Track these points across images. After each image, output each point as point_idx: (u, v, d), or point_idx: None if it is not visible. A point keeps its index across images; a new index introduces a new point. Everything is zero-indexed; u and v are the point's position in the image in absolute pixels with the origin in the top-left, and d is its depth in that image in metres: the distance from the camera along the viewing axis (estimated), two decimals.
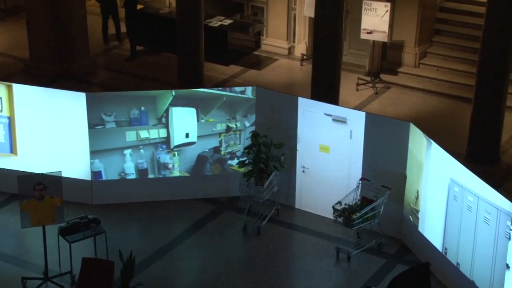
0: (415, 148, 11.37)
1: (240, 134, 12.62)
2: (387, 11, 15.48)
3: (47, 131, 12.44)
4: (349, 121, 11.88)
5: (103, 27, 17.92)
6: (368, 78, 16.24)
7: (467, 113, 13.44)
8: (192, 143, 12.62)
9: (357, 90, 16.06)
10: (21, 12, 18.09)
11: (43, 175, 10.78)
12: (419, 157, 11.27)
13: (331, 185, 12.15)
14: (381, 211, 11.54)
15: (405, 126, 11.47)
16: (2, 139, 12.64)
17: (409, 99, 15.79)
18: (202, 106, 12.47)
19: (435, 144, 10.92)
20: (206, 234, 12.18)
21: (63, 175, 10.96)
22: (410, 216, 11.65)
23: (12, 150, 12.71)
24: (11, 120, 12.56)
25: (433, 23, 16.64)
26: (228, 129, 12.62)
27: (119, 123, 12.31)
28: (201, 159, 12.69)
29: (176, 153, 12.62)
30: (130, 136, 12.42)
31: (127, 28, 17.26)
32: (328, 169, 12.19)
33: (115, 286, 10.43)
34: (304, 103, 12.21)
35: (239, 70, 16.88)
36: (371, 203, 11.52)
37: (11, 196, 12.62)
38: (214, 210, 12.70)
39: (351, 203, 11.59)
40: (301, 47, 17.25)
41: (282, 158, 12.20)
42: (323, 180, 12.27)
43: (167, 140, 12.55)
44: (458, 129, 14.35)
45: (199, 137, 12.60)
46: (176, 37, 14.98)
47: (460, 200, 10.54)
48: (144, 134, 12.46)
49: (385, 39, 15.80)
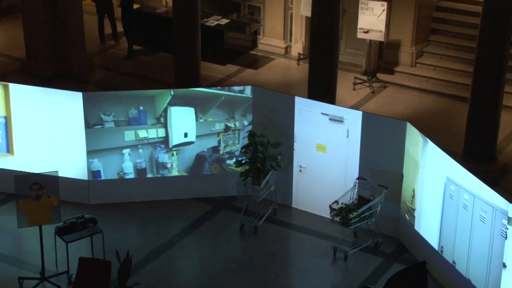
0: (412, 147, 11.38)
1: (239, 134, 12.61)
2: (384, 11, 15.48)
3: (44, 131, 12.43)
4: (346, 121, 11.89)
5: (99, 27, 17.89)
6: (365, 78, 16.24)
7: (464, 112, 13.45)
8: (191, 143, 12.61)
9: (354, 90, 16.07)
10: (17, 12, 18.06)
11: (40, 175, 10.77)
12: (415, 156, 11.28)
13: (328, 185, 12.16)
14: (378, 210, 11.55)
15: (402, 126, 11.48)
16: None
17: (406, 98, 15.80)
18: (201, 106, 12.45)
19: (431, 143, 10.93)
20: (203, 234, 12.18)
21: (60, 175, 10.95)
22: (406, 215, 11.66)
23: (9, 150, 12.69)
24: (8, 120, 12.54)
25: (430, 22, 16.65)
26: (227, 129, 12.61)
27: (118, 123, 12.30)
28: (200, 159, 12.68)
29: (175, 153, 12.61)
30: (129, 136, 12.41)
31: (124, 28, 17.24)
32: (325, 169, 12.20)
33: (112, 286, 10.42)
34: (301, 103, 12.21)
35: (236, 70, 16.87)
36: (368, 202, 11.52)
37: (8, 196, 12.60)
38: (211, 210, 12.70)
39: (348, 202, 11.59)
40: (298, 47, 17.24)
41: (279, 158, 12.20)
42: (320, 180, 12.27)
43: (166, 140, 12.54)
44: (455, 128, 14.36)
45: (198, 137, 12.59)
46: (173, 37, 14.97)
47: (456, 199, 10.56)
48: (143, 134, 12.45)
49: (382, 39, 15.81)
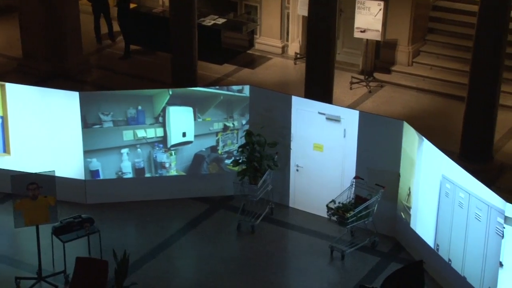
0: (408, 146, 11.39)
1: (238, 133, 12.59)
2: (380, 10, 15.49)
3: (41, 131, 12.41)
4: (343, 120, 11.89)
5: (95, 26, 17.88)
6: (362, 77, 16.25)
7: (461, 112, 13.46)
8: (189, 142, 12.61)
9: (351, 89, 16.07)
10: (14, 12, 18.03)
11: (37, 175, 10.75)
12: (411, 154, 11.30)
13: (325, 184, 12.16)
14: (375, 210, 11.55)
15: (399, 125, 11.49)
16: None
17: (403, 98, 15.81)
18: (199, 105, 12.45)
19: (427, 141, 10.95)
20: (201, 233, 12.18)
21: (57, 175, 10.94)
22: (402, 213, 11.67)
23: (5, 150, 12.67)
24: (4, 120, 12.52)
25: (426, 22, 16.66)
26: (225, 128, 12.61)
27: (116, 122, 12.29)
28: (198, 158, 12.67)
29: (173, 152, 12.60)
30: (127, 135, 12.40)
31: (120, 27, 17.23)
32: (322, 168, 12.20)
33: (109, 286, 10.41)
34: (298, 102, 12.21)
35: (233, 69, 16.87)
36: (365, 202, 11.53)
37: (5, 196, 12.58)
38: (208, 209, 12.69)
39: (345, 202, 11.60)
40: (295, 46, 17.25)
41: (276, 157, 12.20)
42: (317, 179, 12.27)
43: (164, 139, 12.54)
44: (452, 128, 14.37)
45: (196, 136, 12.58)
46: (170, 36, 14.96)
47: (452, 197, 10.58)
48: (141, 133, 12.44)
49: (379, 38, 15.82)
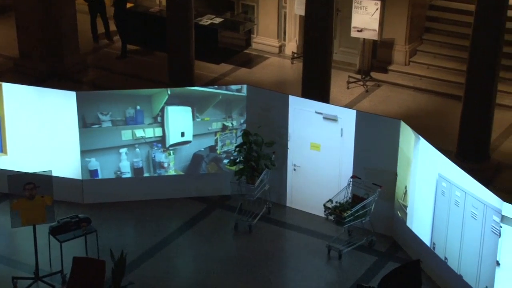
0: (405, 145, 11.40)
1: (236, 133, 12.58)
2: (377, 9, 15.50)
3: (37, 130, 12.40)
4: (340, 119, 11.89)
5: (92, 26, 17.86)
6: (359, 76, 16.25)
7: (457, 111, 13.47)
8: (188, 142, 12.60)
9: (348, 88, 16.08)
10: (10, 11, 18.01)
11: (34, 175, 10.74)
12: (408, 153, 11.31)
13: (322, 183, 12.16)
14: (372, 209, 11.56)
15: (396, 124, 11.50)
16: None
17: (400, 97, 15.82)
18: (198, 105, 12.44)
19: (423, 140, 10.96)
20: (198, 233, 12.18)
21: (54, 174, 10.93)
22: (398, 212, 11.68)
23: (2, 150, 12.66)
24: (1, 119, 12.49)
25: (423, 21, 16.67)
26: (224, 128, 12.60)
27: (115, 122, 12.29)
28: (197, 158, 12.66)
29: (172, 152, 12.60)
30: (126, 135, 12.40)
31: (117, 27, 17.21)
32: (319, 167, 12.20)
33: (106, 285, 10.40)
34: (295, 101, 12.21)
35: (230, 69, 16.87)
36: (362, 201, 11.53)
37: (1, 196, 12.55)
38: (206, 209, 12.69)
39: (342, 201, 11.60)
40: (292, 45, 17.24)
41: (273, 157, 12.20)
42: (314, 178, 12.28)
43: (163, 139, 12.53)
44: (449, 127, 14.39)
45: (195, 136, 12.58)
46: (167, 36, 14.95)
47: (448, 195, 10.59)
48: (140, 133, 12.44)
49: (375, 37, 15.83)
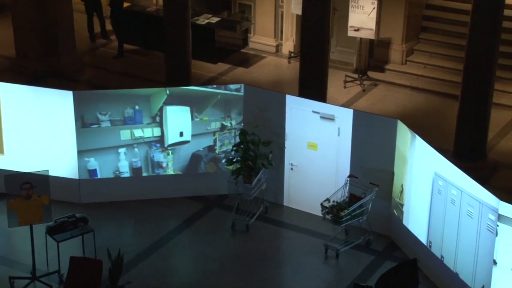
0: (401, 144, 11.41)
1: (235, 133, 12.57)
2: (374, 9, 15.50)
3: (34, 130, 12.38)
4: (337, 119, 11.90)
5: (89, 25, 17.84)
6: (356, 76, 16.26)
7: (454, 110, 13.48)
8: (186, 142, 12.59)
9: (345, 88, 16.08)
10: (6, 10, 17.98)
11: (30, 174, 10.73)
12: (404, 152, 11.32)
13: (319, 183, 12.17)
14: (369, 208, 11.57)
15: (393, 123, 11.51)
16: None
17: (396, 96, 15.83)
18: (197, 105, 12.43)
19: (419, 138, 10.97)
20: (195, 232, 12.17)
21: (51, 174, 10.92)
22: (395, 210, 11.69)
23: None
24: None
25: (420, 21, 16.68)
26: (223, 128, 12.59)
27: (114, 122, 12.27)
28: (196, 158, 12.65)
29: (170, 152, 12.59)
30: (125, 135, 12.39)
31: (113, 26, 17.18)
32: (316, 167, 12.21)
33: (104, 285, 10.40)
34: (292, 101, 12.21)
35: (227, 68, 16.86)
36: (359, 200, 11.54)
37: None
38: (203, 208, 12.69)
39: (339, 200, 11.61)
40: (289, 45, 17.24)
41: (270, 156, 12.20)
42: (311, 178, 12.28)
43: (161, 139, 12.52)
44: (445, 126, 14.40)
45: (193, 136, 12.57)
46: (163, 35, 14.94)
47: (444, 194, 10.61)
48: (138, 133, 12.43)
49: (372, 37, 15.83)
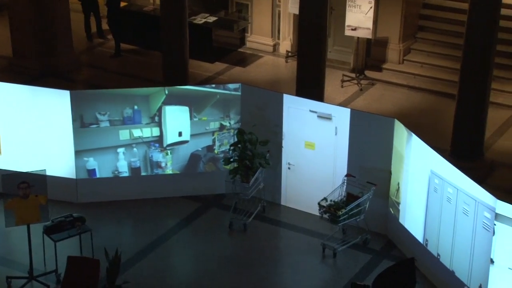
0: (398, 143, 11.42)
1: (234, 132, 12.56)
2: (371, 8, 15.51)
3: (32, 129, 12.38)
4: (334, 118, 11.91)
5: (86, 25, 17.84)
6: (353, 75, 16.27)
7: (451, 109, 13.49)
8: (185, 142, 12.59)
9: (342, 87, 16.09)
10: (4, 10, 17.97)
11: (28, 174, 10.73)
12: (401, 150, 11.34)
13: (317, 182, 12.17)
14: (367, 207, 11.58)
15: (390, 123, 11.52)
16: None
17: (394, 96, 15.84)
18: (196, 105, 12.42)
19: (416, 137, 10.99)
20: (193, 232, 12.18)
21: (48, 174, 10.91)
22: (391, 208, 11.71)
23: None
24: None
25: (417, 20, 16.69)
26: (222, 128, 12.59)
27: (113, 122, 12.27)
28: (194, 158, 12.64)
29: (169, 152, 12.58)
30: (124, 135, 12.38)
31: (109, 26, 17.17)
32: (314, 166, 12.22)
33: (101, 285, 10.40)
34: (289, 100, 12.22)
35: (224, 67, 16.86)
36: (357, 200, 11.55)
37: None
38: (201, 208, 12.69)
39: (337, 200, 11.62)
40: (286, 44, 17.25)
41: (268, 155, 12.21)
42: (309, 177, 12.29)
43: (160, 139, 12.51)
44: (442, 125, 14.41)
45: (192, 136, 12.56)
46: (161, 35, 14.94)
47: (440, 192, 10.62)
48: (137, 133, 12.42)
49: (369, 36, 15.84)
